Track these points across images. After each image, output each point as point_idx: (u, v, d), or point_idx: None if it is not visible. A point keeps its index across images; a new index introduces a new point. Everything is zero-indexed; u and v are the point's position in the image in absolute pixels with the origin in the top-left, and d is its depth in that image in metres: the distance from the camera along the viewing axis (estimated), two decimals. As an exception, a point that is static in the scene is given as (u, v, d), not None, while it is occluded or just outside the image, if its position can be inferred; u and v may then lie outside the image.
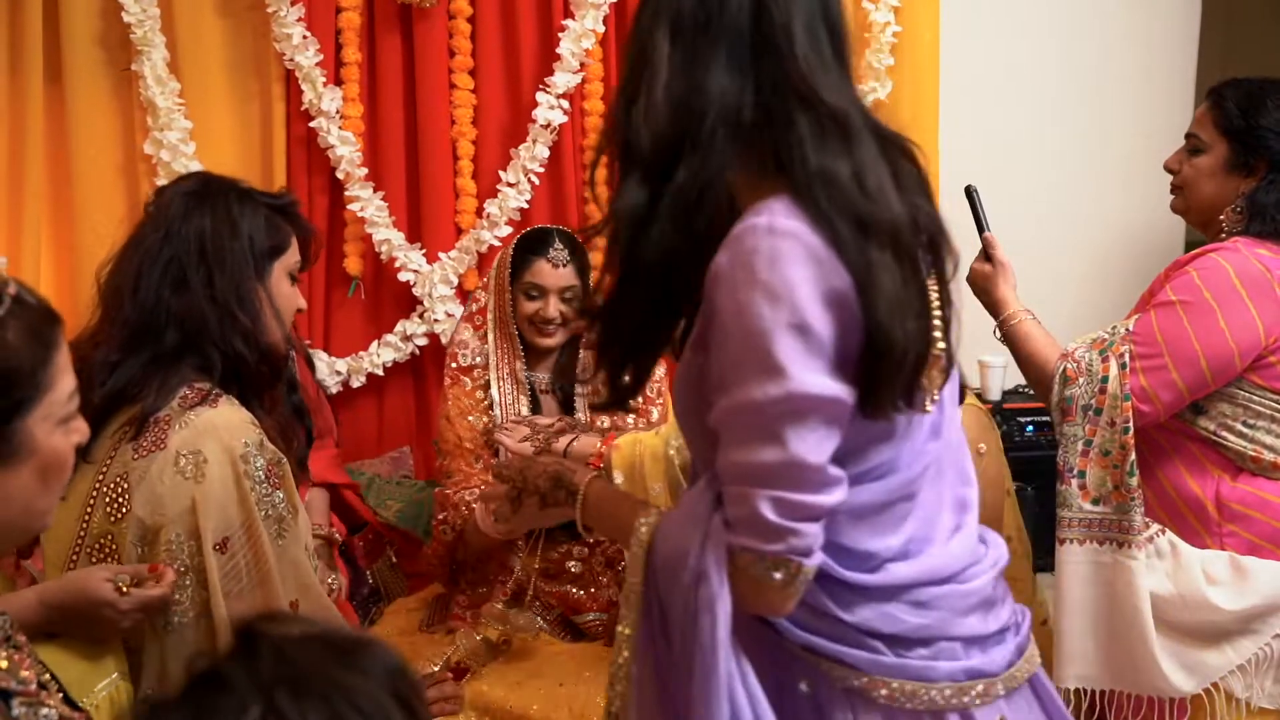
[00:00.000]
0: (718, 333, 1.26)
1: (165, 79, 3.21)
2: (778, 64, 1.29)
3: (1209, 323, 2.17)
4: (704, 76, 1.29)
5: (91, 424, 1.79)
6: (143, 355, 1.81)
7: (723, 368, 1.26)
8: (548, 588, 2.69)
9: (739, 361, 1.24)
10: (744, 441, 1.25)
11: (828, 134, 1.28)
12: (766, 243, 1.23)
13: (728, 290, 1.24)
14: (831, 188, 1.25)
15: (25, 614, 1.69)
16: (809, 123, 1.28)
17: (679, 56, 1.31)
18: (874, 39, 3.40)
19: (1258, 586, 2.17)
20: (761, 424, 1.23)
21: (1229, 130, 2.26)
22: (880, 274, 1.24)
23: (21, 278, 3.05)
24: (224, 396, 1.81)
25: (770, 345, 1.21)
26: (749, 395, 1.23)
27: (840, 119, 1.28)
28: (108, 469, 1.78)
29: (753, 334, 1.22)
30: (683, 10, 1.31)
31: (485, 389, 2.78)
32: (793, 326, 1.21)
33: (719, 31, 1.30)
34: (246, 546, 1.75)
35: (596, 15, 3.29)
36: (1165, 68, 3.70)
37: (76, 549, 1.79)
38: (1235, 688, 2.19)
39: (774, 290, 1.21)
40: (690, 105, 1.30)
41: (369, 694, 0.94)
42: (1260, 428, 2.22)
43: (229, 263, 1.84)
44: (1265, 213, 2.23)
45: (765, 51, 1.29)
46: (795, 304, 1.21)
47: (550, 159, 3.35)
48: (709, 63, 1.29)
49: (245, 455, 1.76)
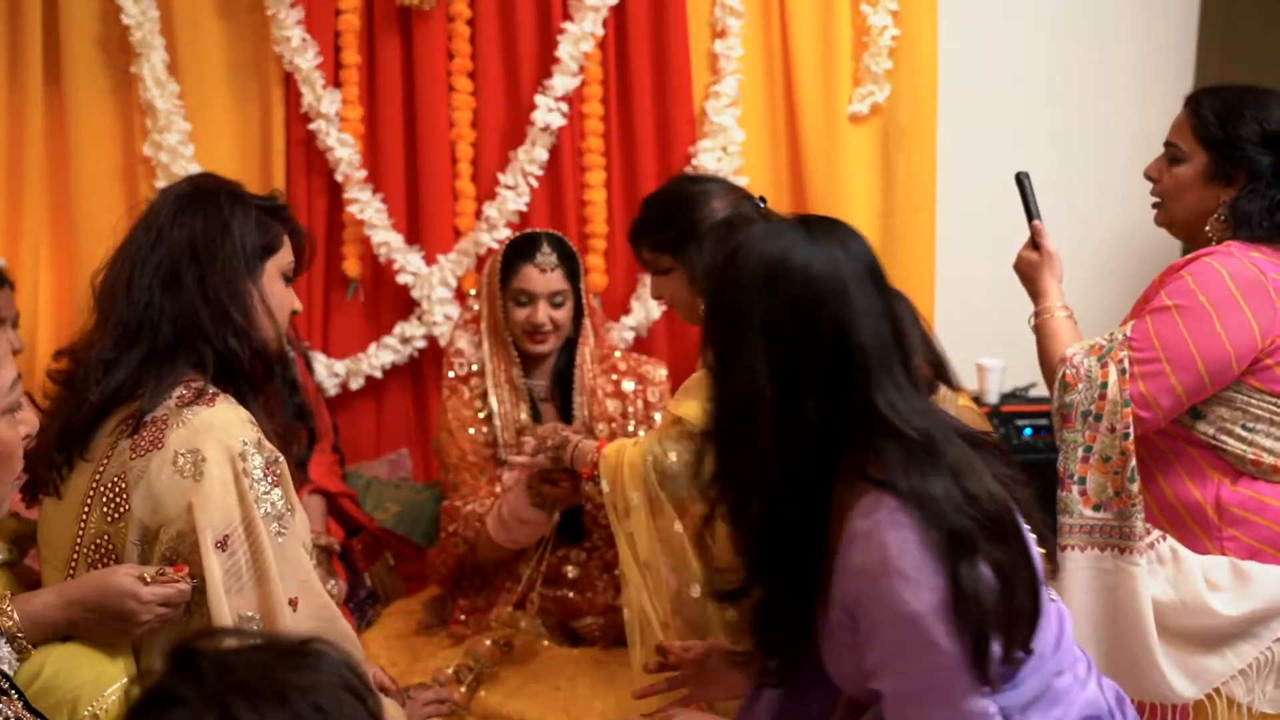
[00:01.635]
0: (865, 622, 1.44)
1: (164, 81, 3.22)
2: (864, 398, 1.45)
3: (1205, 327, 2.17)
4: (801, 414, 1.45)
5: (89, 422, 1.81)
6: (137, 353, 1.80)
7: (882, 651, 1.44)
8: (546, 592, 2.69)
9: (895, 644, 1.42)
10: (922, 711, 1.44)
11: (915, 458, 1.44)
12: (895, 537, 1.40)
13: (869, 585, 1.42)
14: (927, 506, 1.41)
15: (44, 613, 1.69)
16: (897, 450, 1.44)
17: (779, 396, 1.45)
18: (872, 43, 3.41)
19: (1259, 591, 2.17)
20: (934, 691, 1.42)
21: (1207, 140, 2.24)
22: (980, 581, 1.41)
23: (20, 280, 3.08)
24: (221, 395, 1.80)
25: (925, 626, 1.39)
26: (917, 668, 1.41)
27: (925, 441, 1.45)
28: (105, 468, 1.78)
29: (902, 617, 1.39)
30: (779, 353, 1.45)
31: (483, 398, 2.77)
32: (940, 605, 1.39)
33: (809, 370, 1.45)
34: (246, 544, 1.74)
35: (596, 18, 3.29)
36: (1164, 70, 3.70)
37: (75, 549, 1.79)
38: (1237, 692, 2.18)
39: (910, 576, 1.39)
40: (791, 440, 1.45)
41: (324, 690, 0.94)
42: (1259, 431, 2.22)
43: (220, 261, 1.83)
44: (1249, 220, 2.22)
45: (849, 388, 1.45)
46: (932, 585, 1.39)
47: (549, 162, 3.35)
48: (804, 400, 1.44)
49: (243, 453, 1.75)
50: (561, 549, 2.72)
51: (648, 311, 3.36)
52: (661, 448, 2.19)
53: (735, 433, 1.48)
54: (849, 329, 1.44)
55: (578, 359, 2.78)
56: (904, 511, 1.41)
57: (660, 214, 2.47)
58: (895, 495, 1.42)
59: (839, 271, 1.45)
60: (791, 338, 1.44)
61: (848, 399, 1.45)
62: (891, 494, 1.42)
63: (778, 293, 1.45)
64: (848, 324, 1.44)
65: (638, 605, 2.18)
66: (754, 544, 1.53)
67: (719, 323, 1.52)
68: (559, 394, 2.80)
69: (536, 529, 2.54)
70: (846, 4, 3.42)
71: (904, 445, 1.44)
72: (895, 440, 1.44)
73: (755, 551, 1.54)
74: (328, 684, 0.95)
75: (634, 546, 2.18)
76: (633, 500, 2.19)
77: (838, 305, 1.44)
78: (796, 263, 1.45)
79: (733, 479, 1.51)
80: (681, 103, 3.39)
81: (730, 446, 1.49)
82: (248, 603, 1.74)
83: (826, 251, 1.46)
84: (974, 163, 3.53)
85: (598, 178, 3.38)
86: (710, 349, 1.53)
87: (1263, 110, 2.21)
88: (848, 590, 1.46)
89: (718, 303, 1.53)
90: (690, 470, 2.17)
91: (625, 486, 2.20)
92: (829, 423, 1.45)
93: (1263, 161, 2.20)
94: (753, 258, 1.47)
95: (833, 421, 1.45)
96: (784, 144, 3.49)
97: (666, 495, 2.18)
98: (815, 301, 1.44)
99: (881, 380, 1.45)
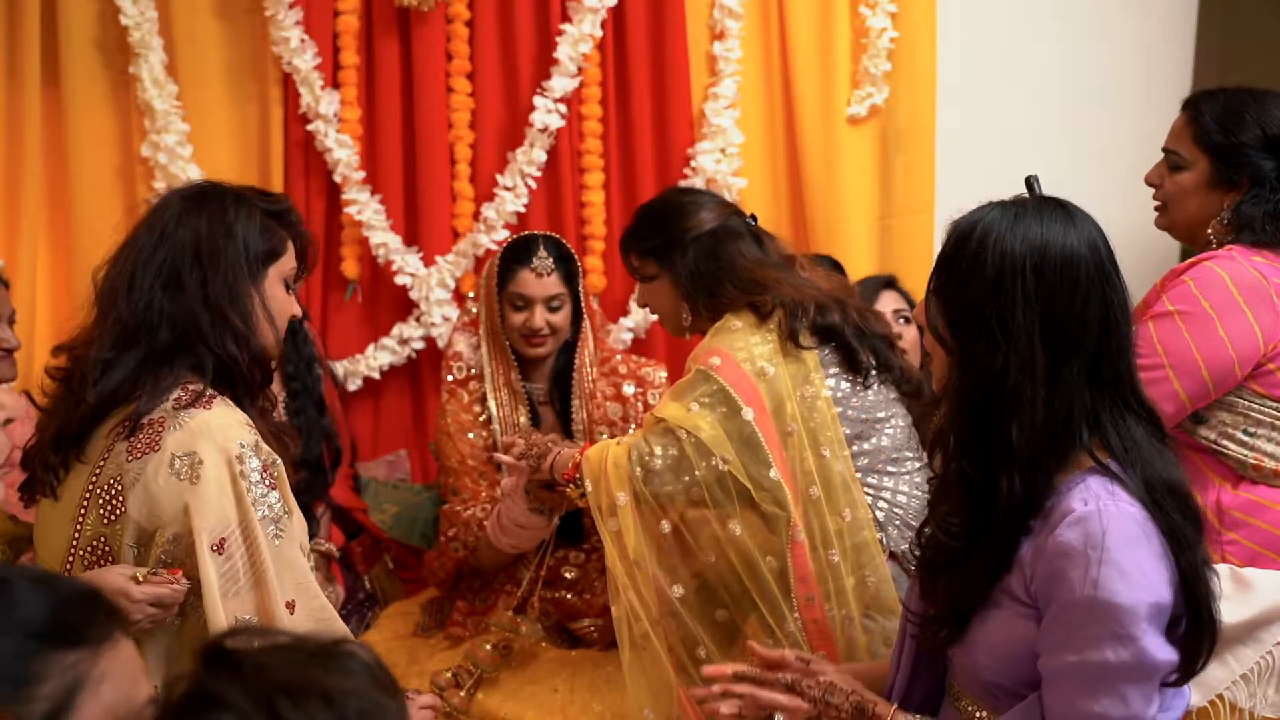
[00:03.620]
0: (1056, 602, 1.47)
1: (163, 82, 3.22)
2: (1115, 370, 1.53)
3: (1208, 331, 2.17)
4: (1069, 387, 1.52)
5: (86, 423, 1.80)
6: (135, 354, 1.80)
7: (1067, 633, 1.47)
8: (545, 595, 2.68)
9: (1084, 629, 1.46)
10: (1091, 693, 1.46)
11: (1152, 441, 1.54)
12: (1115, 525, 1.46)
13: (1079, 567, 1.45)
14: (1156, 503, 1.49)
15: None
16: (1139, 428, 1.54)
17: (1049, 366, 1.51)
18: (871, 45, 3.41)
19: (1259, 597, 2.17)
20: (1110, 682, 1.46)
21: (1209, 146, 2.23)
22: (1202, 563, 1.49)
23: (19, 280, 3.08)
24: (218, 397, 1.80)
25: (1126, 620, 1.43)
26: (1102, 657, 1.45)
27: (1151, 414, 1.56)
28: (101, 470, 1.77)
29: (1105, 606, 1.44)
30: (1052, 328, 1.51)
31: (482, 401, 2.77)
32: (1147, 604, 1.44)
33: (1080, 345, 1.52)
34: (243, 547, 1.74)
35: (594, 20, 3.29)
36: (1162, 72, 3.70)
37: (71, 551, 1.78)
38: (1239, 698, 2.19)
39: (1127, 570, 1.44)
40: (1059, 414, 1.51)
41: (362, 692, 0.96)
42: (1261, 435, 2.22)
43: (223, 265, 1.83)
44: (1253, 224, 2.21)
45: (1107, 358, 1.53)
46: (1149, 584, 1.44)
47: (547, 163, 3.35)
48: (1074, 374, 1.51)
49: (240, 456, 1.75)
50: (561, 550, 2.72)
51: (646, 313, 3.35)
52: (647, 445, 2.19)
53: (1003, 404, 1.52)
54: (1112, 306, 1.54)
55: (576, 362, 2.78)
56: (1133, 505, 1.47)
57: (649, 221, 2.48)
58: (1124, 486, 1.48)
59: (1100, 254, 1.57)
60: (1065, 314, 1.52)
61: (1111, 374, 1.53)
62: (1120, 484, 1.48)
63: (1048, 271, 1.53)
64: (1111, 302, 1.54)
65: (626, 604, 2.18)
66: (984, 517, 1.55)
67: (977, 297, 1.54)
68: (558, 397, 2.80)
69: (536, 534, 2.54)
70: (845, 6, 3.42)
71: (1149, 423, 1.55)
72: (1144, 419, 1.54)
73: (980, 523, 1.56)
74: (367, 686, 0.97)
75: (621, 545, 2.18)
76: (619, 499, 2.18)
77: (1104, 284, 1.54)
78: (1068, 242, 1.55)
79: (990, 450, 1.53)
80: (680, 104, 3.39)
81: (996, 416, 1.52)
82: (245, 605, 1.73)
83: (1088, 233, 1.58)
84: (972, 164, 3.53)
85: (596, 179, 3.38)
86: (957, 323, 1.57)
87: (1264, 114, 2.20)
88: (1046, 566, 1.49)
89: (974, 278, 1.55)
90: (676, 467, 2.18)
91: (610, 485, 2.19)
92: (1090, 398, 1.52)
93: (1265, 166, 2.20)
94: (1016, 237, 1.54)
95: (1093, 397, 1.52)
96: (782, 146, 3.50)
97: (650, 493, 2.18)
98: (1086, 281, 1.53)
99: (1132, 357, 1.56)
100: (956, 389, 1.58)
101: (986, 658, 1.58)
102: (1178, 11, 3.74)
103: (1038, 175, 2.49)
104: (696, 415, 2.19)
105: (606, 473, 2.20)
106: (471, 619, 2.72)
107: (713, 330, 2.32)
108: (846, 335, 2.31)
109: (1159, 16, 3.72)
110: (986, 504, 1.54)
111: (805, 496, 2.22)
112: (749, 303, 2.31)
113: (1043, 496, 1.52)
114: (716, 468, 2.16)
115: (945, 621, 1.60)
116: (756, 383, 2.22)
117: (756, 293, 2.31)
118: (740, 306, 2.32)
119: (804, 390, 2.25)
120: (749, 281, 2.33)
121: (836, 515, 2.22)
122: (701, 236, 2.38)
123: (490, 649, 2.46)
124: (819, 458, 2.23)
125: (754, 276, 2.33)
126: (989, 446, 1.53)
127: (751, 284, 2.33)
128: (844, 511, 2.23)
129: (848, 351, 2.31)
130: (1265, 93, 2.25)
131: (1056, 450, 1.52)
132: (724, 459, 2.16)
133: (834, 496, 2.23)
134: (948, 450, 1.60)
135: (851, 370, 2.31)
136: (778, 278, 2.33)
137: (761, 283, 2.32)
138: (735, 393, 2.20)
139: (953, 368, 1.58)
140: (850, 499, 2.23)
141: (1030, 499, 1.52)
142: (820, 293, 2.34)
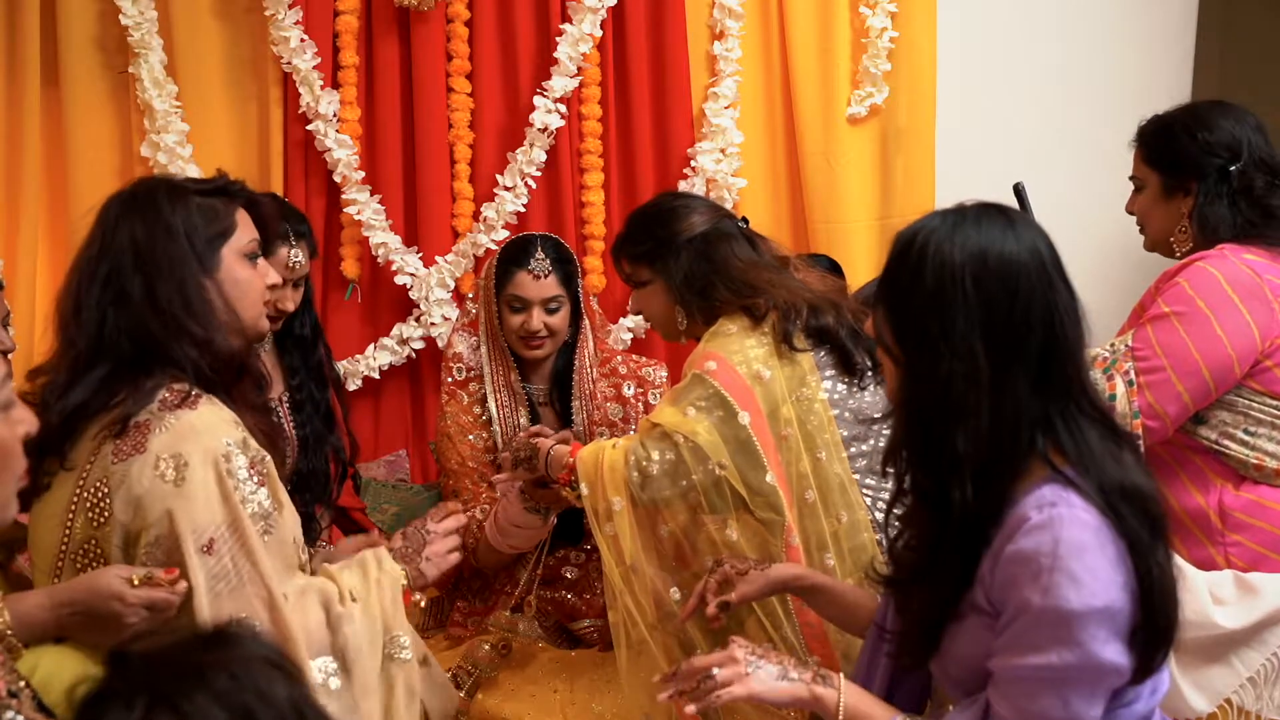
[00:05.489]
0: (1011, 607, 1.48)
1: (163, 81, 3.21)
2: (1064, 375, 1.51)
3: (1206, 331, 2.18)
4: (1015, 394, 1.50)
5: (61, 434, 1.75)
6: (99, 372, 1.76)
7: (1018, 635, 1.47)
8: (544, 594, 2.69)
9: (1034, 632, 1.46)
10: (1032, 695, 1.47)
11: (1106, 445, 1.51)
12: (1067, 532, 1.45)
13: (1031, 574, 1.45)
14: (1111, 508, 1.47)
15: (35, 614, 1.69)
16: (1094, 431, 1.51)
17: (994, 377, 1.49)
18: (871, 44, 3.41)
19: (1263, 601, 2.18)
20: (1051, 684, 1.46)
21: (1153, 161, 2.38)
22: (1158, 566, 1.47)
23: (18, 281, 3.07)
24: (204, 396, 1.78)
25: (1075, 626, 1.43)
26: (1047, 660, 1.45)
27: (1106, 417, 1.54)
28: (88, 474, 1.76)
29: (1056, 612, 1.43)
30: (994, 335, 1.50)
31: (482, 403, 2.76)
32: (1098, 611, 1.43)
33: (1024, 351, 1.50)
34: (234, 545, 1.73)
35: (594, 19, 3.29)
36: (1162, 73, 3.70)
37: (60, 555, 1.78)
38: (1246, 701, 2.19)
39: (1078, 576, 1.43)
40: (1005, 420, 1.50)
41: (239, 662, 1.00)
42: (1261, 435, 2.23)
43: (167, 268, 1.77)
44: (1224, 222, 2.29)
45: (1055, 363, 1.51)
46: (1101, 589, 1.43)
47: (547, 163, 3.35)
48: (1019, 380, 1.49)
49: (227, 454, 1.74)
50: (560, 550, 2.72)
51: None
52: (644, 449, 2.18)
53: (948, 413, 1.51)
54: (1056, 311, 1.52)
55: (576, 362, 2.77)
56: (1088, 511, 1.46)
57: (641, 226, 2.48)
58: (1079, 493, 1.47)
59: (1043, 259, 1.53)
60: (1007, 320, 1.50)
61: (1061, 378, 1.51)
62: (1076, 491, 1.47)
63: (987, 278, 1.51)
64: (1055, 306, 1.52)
65: (622, 608, 2.18)
66: (940, 528, 1.55)
67: (919, 307, 1.54)
68: (558, 398, 2.79)
69: (533, 534, 2.54)
70: (845, 6, 3.42)
71: (1104, 426, 1.52)
72: (1098, 423, 1.52)
73: (937, 535, 1.56)
74: (243, 656, 1.00)
75: (618, 549, 2.18)
76: (615, 504, 2.18)
77: (1046, 289, 1.52)
78: (1006, 249, 1.52)
79: (938, 460, 1.52)
80: (680, 104, 3.39)
81: (941, 426, 1.51)
82: (241, 602, 1.73)
83: (1029, 239, 1.54)
84: (972, 164, 3.53)
85: (596, 179, 3.38)
86: (902, 334, 1.56)
87: (1193, 119, 2.34)
88: (1001, 574, 1.49)
89: (915, 288, 1.54)
90: (673, 472, 2.18)
91: (606, 489, 2.19)
92: (1039, 404, 1.50)
93: (1206, 164, 2.30)
94: (954, 245, 1.52)
95: (1042, 402, 1.50)
96: (782, 145, 3.50)
97: (647, 497, 2.17)
98: (1027, 286, 1.51)
99: (1082, 361, 1.54)
100: (905, 400, 1.57)
101: (960, 670, 1.58)
102: (1178, 11, 3.74)
103: (1023, 182, 2.55)
104: (693, 420, 2.18)
105: (602, 477, 2.20)
106: (471, 619, 2.73)
107: (708, 335, 2.32)
108: (841, 337, 2.31)
109: (1159, 16, 3.72)
110: (942, 515, 1.54)
111: (800, 500, 2.22)
112: (743, 306, 2.31)
113: (1000, 506, 1.51)
114: (713, 472, 2.16)
115: (918, 637, 1.60)
116: (752, 386, 2.22)
117: (750, 295, 2.31)
118: (734, 310, 2.32)
119: (800, 393, 2.25)
120: (742, 284, 2.33)
121: (833, 518, 2.22)
122: (694, 239, 2.38)
123: (489, 649, 2.46)
124: (815, 461, 2.23)
125: (747, 278, 2.33)
126: (938, 456, 1.52)
127: (745, 286, 2.33)
128: (841, 514, 2.23)
129: (843, 353, 2.31)
130: (1197, 103, 2.49)
131: (1006, 457, 1.50)
132: (720, 464, 2.16)
133: (831, 499, 2.23)
134: (900, 463, 1.60)
135: (847, 372, 2.31)
136: (771, 279, 2.33)
137: (755, 285, 2.32)
138: (731, 397, 2.19)
139: (901, 379, 1.57)
140: (848, 501, 2.23)
141: (985, 509, 1.51)
142: (814, 295, 2.34)
